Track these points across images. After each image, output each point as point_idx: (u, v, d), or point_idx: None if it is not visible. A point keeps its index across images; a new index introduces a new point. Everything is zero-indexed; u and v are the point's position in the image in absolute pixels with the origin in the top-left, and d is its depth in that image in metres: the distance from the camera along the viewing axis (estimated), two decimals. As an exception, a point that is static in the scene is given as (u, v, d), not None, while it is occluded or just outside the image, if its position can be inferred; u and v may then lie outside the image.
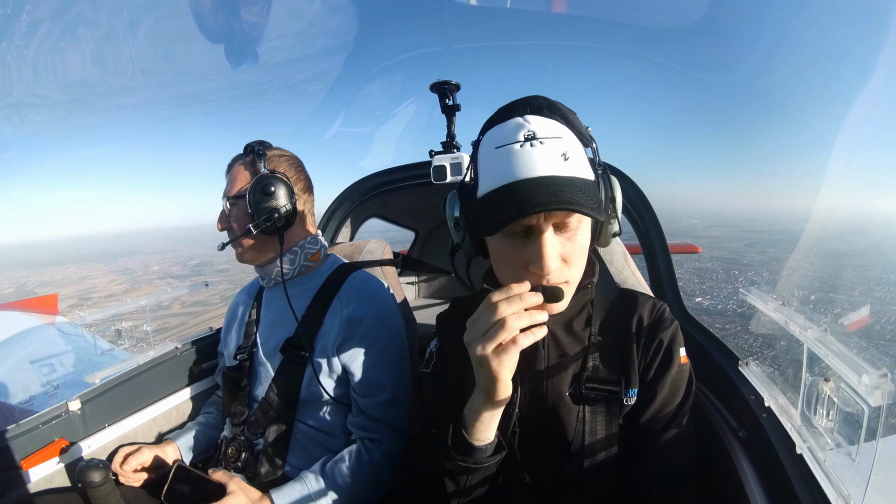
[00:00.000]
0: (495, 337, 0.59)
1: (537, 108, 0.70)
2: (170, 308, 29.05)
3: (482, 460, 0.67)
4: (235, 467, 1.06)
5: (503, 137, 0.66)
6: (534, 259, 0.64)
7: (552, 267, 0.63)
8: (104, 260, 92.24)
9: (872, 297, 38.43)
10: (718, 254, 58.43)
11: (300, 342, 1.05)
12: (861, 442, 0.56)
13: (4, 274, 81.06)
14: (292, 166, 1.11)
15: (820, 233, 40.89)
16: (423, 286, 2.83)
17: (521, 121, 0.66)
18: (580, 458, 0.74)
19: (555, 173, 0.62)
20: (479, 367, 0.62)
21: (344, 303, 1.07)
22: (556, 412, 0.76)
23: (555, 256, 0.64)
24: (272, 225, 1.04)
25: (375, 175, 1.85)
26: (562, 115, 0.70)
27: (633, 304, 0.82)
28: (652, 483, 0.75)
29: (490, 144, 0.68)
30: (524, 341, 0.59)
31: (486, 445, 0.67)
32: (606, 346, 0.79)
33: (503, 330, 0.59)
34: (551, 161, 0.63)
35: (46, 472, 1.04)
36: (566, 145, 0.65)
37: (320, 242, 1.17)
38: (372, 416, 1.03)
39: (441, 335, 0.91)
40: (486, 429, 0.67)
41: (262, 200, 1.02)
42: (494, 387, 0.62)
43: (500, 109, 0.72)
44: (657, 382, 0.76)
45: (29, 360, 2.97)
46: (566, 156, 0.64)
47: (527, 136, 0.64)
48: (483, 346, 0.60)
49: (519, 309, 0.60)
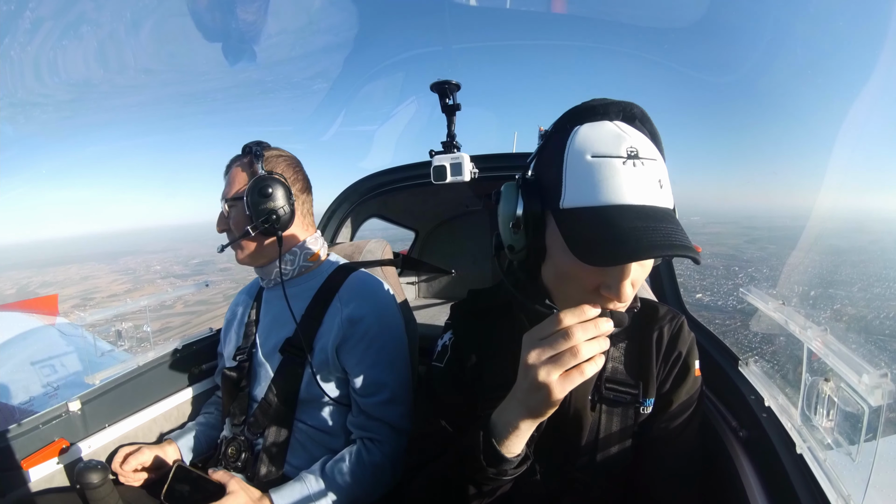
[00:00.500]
0: (563, 363, 0.55)
1: (632, 116, 0.65)
2: (173, 307, 29.11)
3: (510, 471, 0.64)
4: (235, 467, 1.06)
5: (602, 146, 0.59)
6: (611, 285, 0.60)
7: (630, 295, 0.60)
8: (105, 259, 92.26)
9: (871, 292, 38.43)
10: (718, 250, 58.46)
11: (299, 342, 1.05)
12: (861, 442, 0.56)
13: (5, 274, 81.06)
14: (290, 167, 1.11)
15: (820, 229, 40.84)
16: (423, 286, 2.83)
17: (623, 134, 0.60)
18: (592, 457, 0.75)
19: (656, 204, 0.58)
20: (537, 391, 0.57)
21: (344, 303, 1.07)
22: (578, 415, 0.76)
23: (631, 283, 0.61)
24: (270, 227, 1.04)
25: (375, 175, 1.85)
26: (650, 131, 0.65)
27: (652, 314, 0.81)
28: (655, 484, 0.75)
29: (583, 151, 0.60)
30: (589, 370, 0.56)
31: (514, 457, 0.63)
32: (626, 349, 0.79)
33: (573, 358, 0.55)
34: (652, 188, 0.58)
35: (46, 472, 1.04)
36: (661, 170, 0.60)
37: (320, 242, 1.17)
38: (372, 416, 1.03)
39: (457, 329, 0.87)
40: (520, 442, 0.63)
41: (260, 202, 1.02)
42: (546, 409, 0.58)
43: (589, 106, 0.65)
44: (673, 393, 0.77)
45: (29, 361, 2.97)
46: (661, 183, 0.59)
47: (630, 153, 0.58)
48: (549, 371, 0.55)
49: (591, 335, 0.56)
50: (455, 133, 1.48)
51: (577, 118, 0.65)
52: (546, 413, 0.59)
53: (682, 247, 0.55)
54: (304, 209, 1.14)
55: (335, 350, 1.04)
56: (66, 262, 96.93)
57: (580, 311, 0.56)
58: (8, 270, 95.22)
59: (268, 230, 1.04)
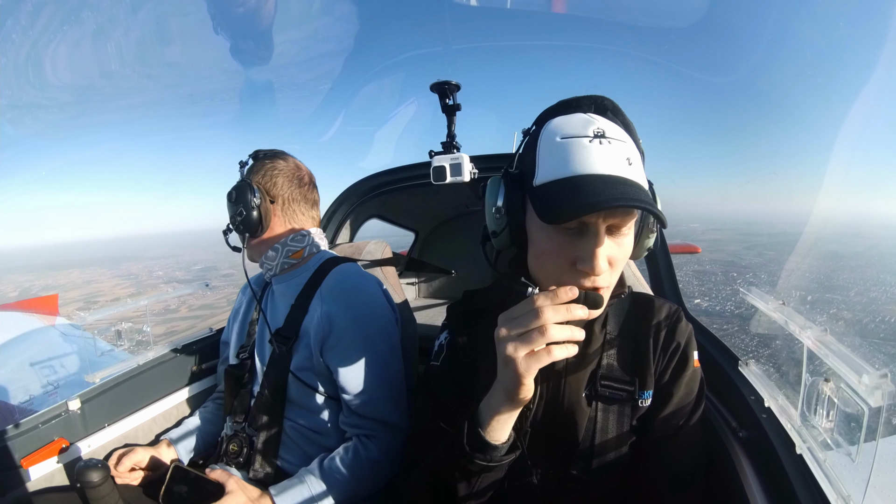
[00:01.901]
0: (531, 342, 0.56)
1: (603, 108, 0.69)
2: (177, 311, 29.22)
3: (497, 458, 0.65)
4: (237, 463, 1.07)
5: (570, 129, 0.64)
6: (584, 258, 0.62)
7: (603, 267, 0.62)
8: (107, 264, 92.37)
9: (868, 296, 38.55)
10: (717, 256, 58.54)
11: (285, 332, 1.09)
12: (861, 442, 0.56)
13: (7, 277, 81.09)
14: (273, 171, 1.14)
15: (818, 235, 41.05)
16: (423, 286, 2.83)
17: (591, 117, 0.65)
18: (589, 456, 0.74)
19: (623, 175, 0.61)
20: (505, 366, 0.59)
21: (323, 298, 1.07)
22: (571, 412, 0.76)
23: (605, 257, 0.63)
24: (237, 228, 1.12)
25: (375, 176, 1.85)
26: (623, 122, 0.69)
27: (648, 307, 0.82)
28: (658, 484, 0.75)
29: (554, 134, 0.65)
30: (558, 353, 0.57)
31: (501, 444, 0.65)
32: (621, 345, 0.79)
33: (541, 337, 0.56)
34: (619, 162, 0.62)
35: (46, 471, 1.04)
36: (630, 151, 0.64)
37: (306, 240, 1.16)
38: (364, 416, 1.03)
39: (452, 328, 0.88)
40: (503, 427, 0.64)
41: (233, 207, 1.11)
42: (516, 388, 0.60)
43: (563, 102, 0.71)
44: (673, 385, 0.76)
45: (29, 360, 2.97)
46: (630, 161, 0.63)
47: (596, 133, 0.62)
48: (515, 347, 0.57)
49: (562, 319, 0.57)
50: (455, 133, 1.48)
51: (551, 114, 0.71)
52: (520, 394, 0.60)
53: (642, 202, 0.58)
54: (293, 209, 1.16)
55: (319, 348, 1.04)
56: (66, 267, 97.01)
57: (553, 293, 0.58)
58: (9, 274, 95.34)
59: (241, 231, 1.11)
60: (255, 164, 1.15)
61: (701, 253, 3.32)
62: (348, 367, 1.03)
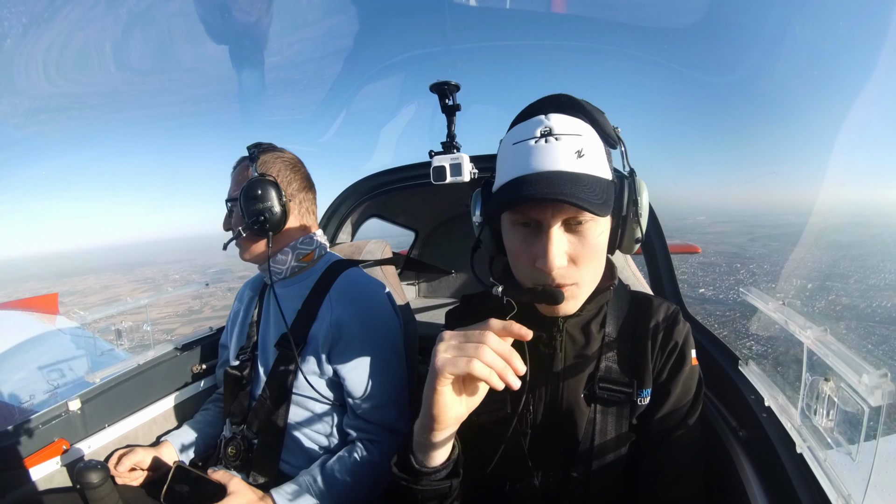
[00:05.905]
0: (462, 348, 0.56)
1: (560, 105, 0.71)
2: (201, 312, 29.42)
3: (428, 483, 0.63)
4: (235, 466, 1.06)
5: (521, 134, 0.67)
6: (539, 255, 0.65)
7: (556, 264, 0.64)
8: (122, 270, 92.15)
9: (867, 283, 38.74)
10: (722, 248, 58.49)
11: (294, 338, 1.06)
12: (861, 442, 0.56)
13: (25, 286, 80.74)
14: (286, 167, 1.11)
15: (823, 226, 41.22)
16: (423, 286, 2.83)
17: (542, 118, 0.67)
18: (589, 458, 0.74)
19: (565, 169, 0.63)
20: (428, 380, 0.58)
21: (333, 305, 1.06)
22: (570, 413, 0.76)
23: (560, 254, 0.64)
24: (260, 228, 1.05)
25: (375, 175, 1.85)
26: (586, 114, 0.70)
27: (647, 306, 0.82)
28: (658, 482, 0.75)
29: (509, 141, 0.69)
30: (476, 367, 0.54)
31: (432, 468, 0.63)
32: (620, 347, 0.79)
33: (473, 348, 0.55)
34: (564, 157, 0.63)
35: (47, 471, 1.04)
36: (583, 143, 0.65)
37: (315, 242, 1.16)
38: (368, 420, 1.03)
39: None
40: (432, 450, 0.62)
41: (251, 204, 1.04)
42: (430, 395, 0.58)
43: (527, 107, 0.73)
44: (670, 382, 0.76)
45: (29, 360, 2.97)
46: (581, 153, 0.64)
47: (543, 133, 0.65)
48: (447, 347, 0.57)
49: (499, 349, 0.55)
50: (455, 133, 1.48)
51: (515, 122, 0.73)
52: (433, 407, 0.58)
53: (563, 194, 0.59)
54: (302, 208, 1.14)
55: (327, 353, 1.04)
56: (81, 273, 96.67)
57: (509, 324, 0.57)
58: (26, 281, 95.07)
59: (258, 231, 1.06)
60: (266, 158, 1.10)
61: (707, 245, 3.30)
62: (356, 372, 1.03)
